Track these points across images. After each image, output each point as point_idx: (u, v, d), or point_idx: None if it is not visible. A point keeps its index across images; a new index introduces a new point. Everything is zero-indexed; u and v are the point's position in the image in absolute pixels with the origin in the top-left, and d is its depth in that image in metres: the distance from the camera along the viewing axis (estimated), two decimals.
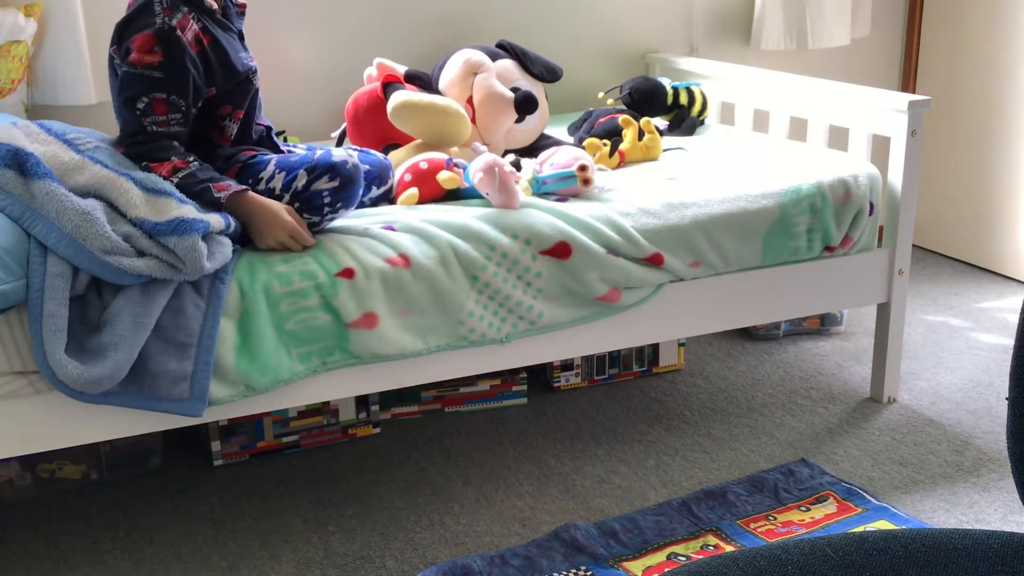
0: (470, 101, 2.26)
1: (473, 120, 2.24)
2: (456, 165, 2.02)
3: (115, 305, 1.59)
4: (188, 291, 1.65)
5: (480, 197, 1.97)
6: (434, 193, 2.00)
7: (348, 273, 1.74)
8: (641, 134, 2.32)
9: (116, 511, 2.01)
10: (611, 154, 2.26)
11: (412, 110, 2.11)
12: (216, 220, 1.67)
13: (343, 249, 1.78)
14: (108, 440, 1.96)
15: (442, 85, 2.31)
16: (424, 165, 2.00)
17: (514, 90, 2.26)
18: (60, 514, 2.00)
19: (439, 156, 2.04)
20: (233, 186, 1.75)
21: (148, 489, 2.09)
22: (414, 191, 1.97)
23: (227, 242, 1.71)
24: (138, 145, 1.74)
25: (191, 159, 1.75)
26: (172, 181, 1.70)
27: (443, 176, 1.97)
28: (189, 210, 1.63)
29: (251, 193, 1.78)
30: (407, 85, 2.22)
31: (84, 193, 1.62)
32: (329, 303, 1.73)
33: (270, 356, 1.70)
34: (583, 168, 1.99)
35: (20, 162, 1.59)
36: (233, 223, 1.74)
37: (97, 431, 1.68)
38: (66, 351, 1.54)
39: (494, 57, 2.33)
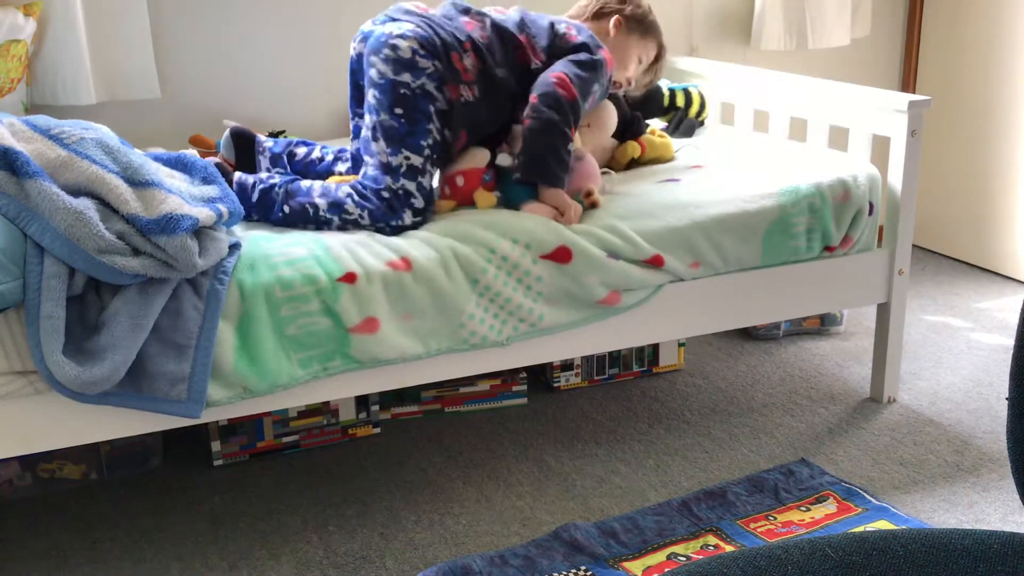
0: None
1: None
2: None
3: (113, 306, 1.59)
4: (187, 292, 1.65)
5: (518, 200, 1.97)
6: (469, 202, 2.00)
7: (350, 278, 1.74)
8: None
9: (116, 511, 2.01)
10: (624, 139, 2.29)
11: None
12: (206, 214, 1.65)
13: (346, 252, 1.78)
14: (108, 440, 1.96)
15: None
16: (460, 181, 1.98)
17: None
18: (60, 514, 2.00)
19: (477, 166, 2.00)
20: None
21: (148, 489, 2.09)
22: (452, 201, 1.99)
23: (222, 236, 1.70)
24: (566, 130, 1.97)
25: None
26: (571, 145, 1.96)
27: (479, 196, 1.97)
28: (176, 201, 1.62)
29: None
30: None
31: (75, 191, 1.60)
32: (330, 308, 1.73)
33: (269, 360, 1.70)
34: (589, 193, 2.00)
35: (10, 161, 1.57)
36: (225, 214, 1.73)
37: (97, 431, 1.68)
38: (64, 352, 1.54)
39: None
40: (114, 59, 2.37)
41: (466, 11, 2.05)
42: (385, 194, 1.88)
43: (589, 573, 1.74)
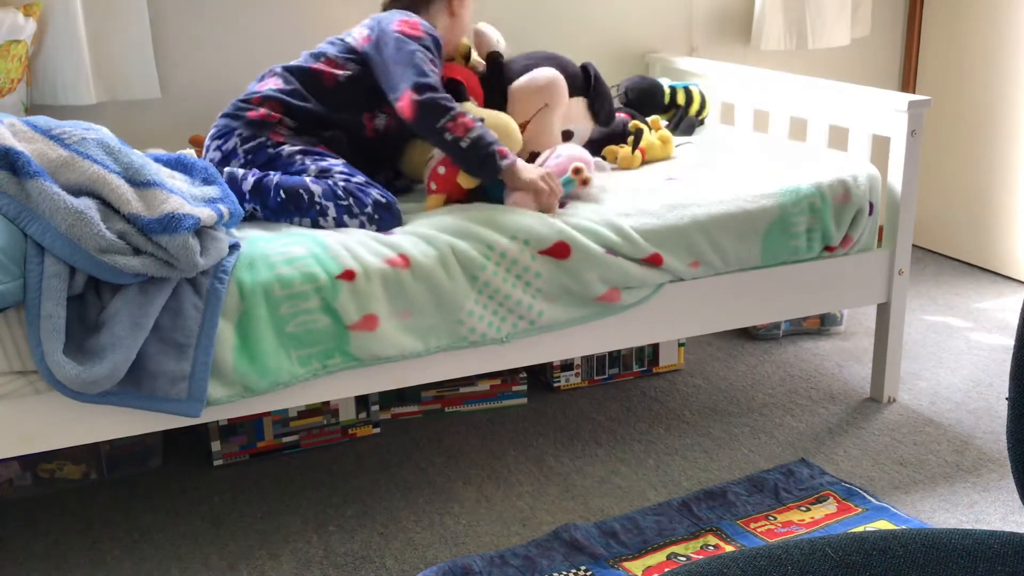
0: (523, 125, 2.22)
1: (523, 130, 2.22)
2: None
3: (113, 306, 1.59)
4: (187, 291, 1.65)
5: (500, 194, 1.97)
6: (458, 194, 2.00)
7: (349, 275, 1.74)
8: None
9: (116, 511, 2.01)
10: (632, 151, 2.28)
11: None
12: (207, 214, 1.66)
13: (344, 250, 1.78)
14: (108, 440, 1.96)
15: (517, 84, 2.25)
16: (442, 171, 1.99)
17: (567, 133, 2.27)
18: (60, 514, 2.00)
19: None
20: (511, 155, 1.93)
21: (148, 489, 2.09)
22: (441, 196, 1.99)
23: (222, 236, 1.70)
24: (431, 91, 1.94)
25: (475, 119, 1.94)
26: (464, 142, 1.89)
27: (462, 177, 1.98)
28: (177, 201, 1.62)
29: (519, 162, 1.93)
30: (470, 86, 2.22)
31: (76, 191, 1.61)
32: (329, 305, 1.73)
33: (269, 359, 1.70)
34: (577, 171, 1.99)
35: (11, 161, 1.57)
36: (226, 214, 1.73)
37: (97, 431, 1.68)
38: (64, 351, 1.54)
39: (572, 87, 2.28)
40: (114, 59, 2.37)
41: (262, 77, 2.13)
42: (342, 189, 1.89)
43: (589, 573, 1.74)
